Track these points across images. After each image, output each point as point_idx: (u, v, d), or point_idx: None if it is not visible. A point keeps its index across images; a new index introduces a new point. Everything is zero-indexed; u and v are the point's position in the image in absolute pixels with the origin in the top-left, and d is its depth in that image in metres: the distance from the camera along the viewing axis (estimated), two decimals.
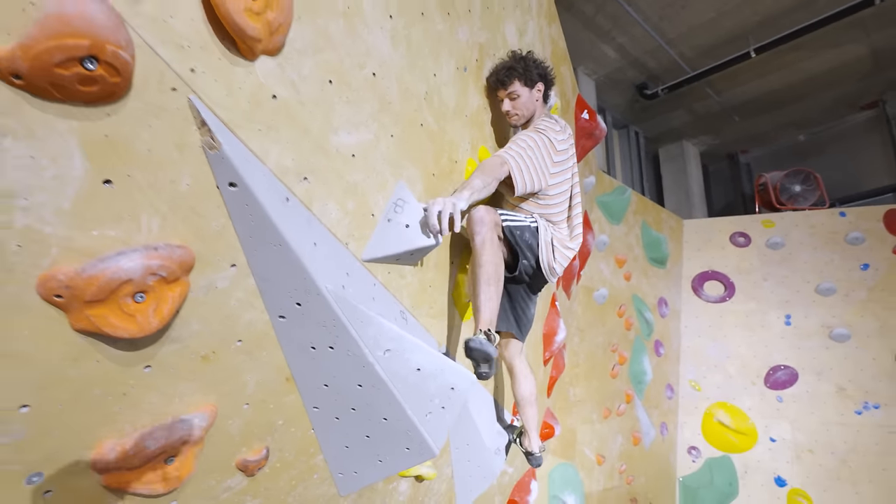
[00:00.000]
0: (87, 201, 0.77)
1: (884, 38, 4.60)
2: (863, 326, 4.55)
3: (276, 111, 1.01)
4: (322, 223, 1.15)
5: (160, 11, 0.78)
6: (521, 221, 1.77)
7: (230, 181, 0.92)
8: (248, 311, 1.07)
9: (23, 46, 0.61)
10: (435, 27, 1.55)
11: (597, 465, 3.71)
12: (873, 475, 4.21)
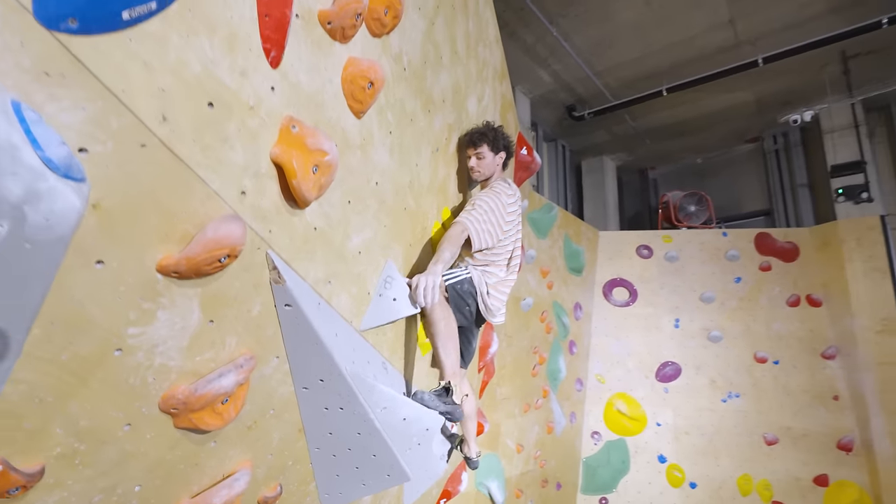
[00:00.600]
0: (197, 337, 1.07)
1: (764, 90, 5.60)
2: (732, 330, 5.62)
3: (316, 239, 1.33)
4: (339, 314, 1.49)
5: (257, 198, 1.08)
6: (458, 276, 2.11)
7: (286, 303, 1.24)
8: (281, 387, 1.40)
9: (187, 258, 0.90)
10: (419, 125, 1.89)
11: (516, 453, 4.34)
12: (730, 450, 5.32)
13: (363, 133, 1.45)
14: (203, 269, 0.95)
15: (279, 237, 1.16)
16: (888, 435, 4.85)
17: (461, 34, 2.17)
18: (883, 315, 5.02)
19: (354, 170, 1.44)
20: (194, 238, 0.90)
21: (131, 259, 0.84)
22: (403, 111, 1.71)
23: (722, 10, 4.50)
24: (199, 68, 0.87)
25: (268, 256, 1.13)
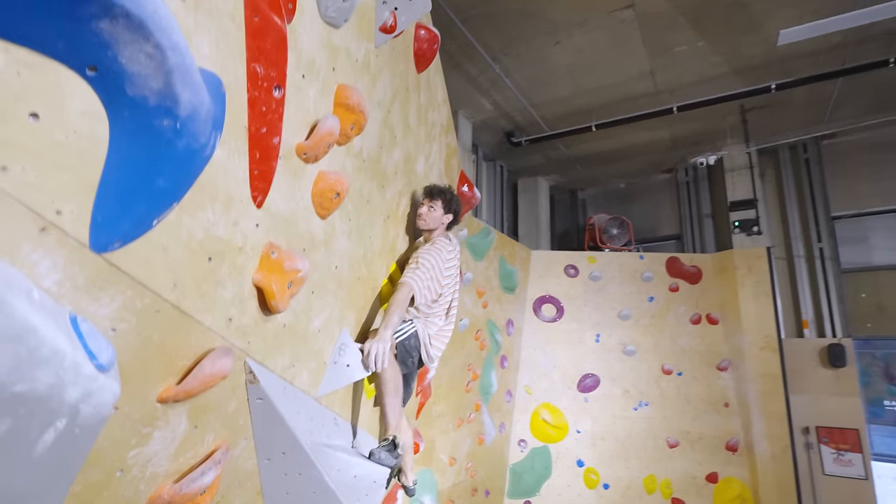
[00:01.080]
0: (182, 443, 1.23)
1: (678, 131, 6.31)
2: (644, 344, 6.29)
3: (285, 334, 1.51)
4: (301, 390, 1.68)
5: (240, 319, 1.25)
6: (406, 332, 2.35)
7: (258, 397, 1.42)
8: (246, 462, 1.58)
9: (185, 390, 1.07)
10: (374, 202, 2.09)
11: (449, 466, 4.66)
12: (638, 453, 6.00)
13: (327, 230, 1.64)
14: (196, 394, 1.11)
15: (256, 344, 1.34)
16: (766, 437, 5.71)
17: (413, 109, 2.39)
18: (766, 333, 5.87)
19: (319, 265, 1.63)
20: (191, 373, 1.07)
21: (138, 399, 1.00)
22: (361, 196, 1.91)
23: (644, 63, 5.04)
24: (203, 234, 1.03)
25: (246, 364, 1.31)
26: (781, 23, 4.36)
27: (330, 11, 1.35)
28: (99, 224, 0.75)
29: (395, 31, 1.76)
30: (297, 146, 1.34)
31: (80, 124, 0.72)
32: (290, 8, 1.17)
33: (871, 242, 5.92)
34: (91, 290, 0.80)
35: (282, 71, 1.15)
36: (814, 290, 6.08)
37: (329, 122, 1.37)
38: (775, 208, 6.50)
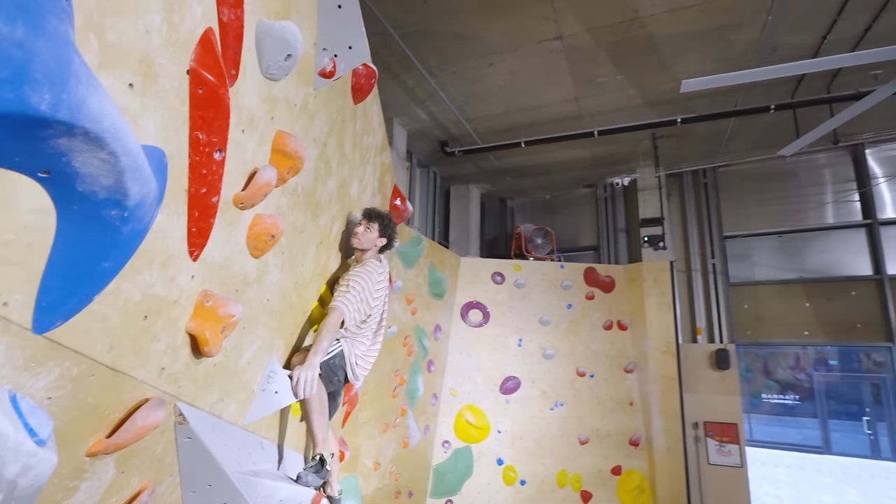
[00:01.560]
0: (108, 490, 1.27)
1: (598, 151, 6.83)
2: (561, 349, 6.76)
3: (215, 373, 1.56)
4: (229, 423, 1.73)
5: (172, 367, 1.30)
6: (331, 352, 2.42)
7: (187, 436, 1.47)
8: (171, 497, 1.61)
9: (115, 443, 1.11)
10: (307, 233, 2.16)
11: (373, 471, 4.77)
12: (553, 450, 6.46)
13: (260, 267, 1.70)
14: (127, 445, 1.16)
15: (186, 387, 1.39)
16: (663, 432, 6.37)
17: (349, 138, 2.47)
18: (666, 339, 6.53)
19: (251, 301, 1.69)
20: (124, 426, 1.12)
21: (67, 456, 1.03)
22: (295, 229, 1.97)
23: (570, 89, 5.41)
24: (139, 296, 1.08)
25: (176, 407, 1.35)
26: (688, 65, 4.89)
27: (272, 70, 1.42)
28: (42, 308, 0.80)
29: (334, 76, 1.84)
30: (235, 196, 1.40)
31: (29, 219, 0.77)
32: (233, 74, 1.23)
33: (754, 260, 6.79)
34: (30, 367, 0.84)
35: (223, 136, 1.21)
36: (706, 301, 6.85)
37: (266, 174, 1.44)
38: (679, 226, 7.22)
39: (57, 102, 0.63)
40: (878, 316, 5.96)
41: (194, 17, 1.06)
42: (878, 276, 6.04)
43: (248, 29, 1.29)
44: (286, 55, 1.43)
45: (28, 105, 0.60)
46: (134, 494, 1.32)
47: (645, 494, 6.40)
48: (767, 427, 12.89)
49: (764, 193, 6.89)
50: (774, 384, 12.76)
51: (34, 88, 0.60)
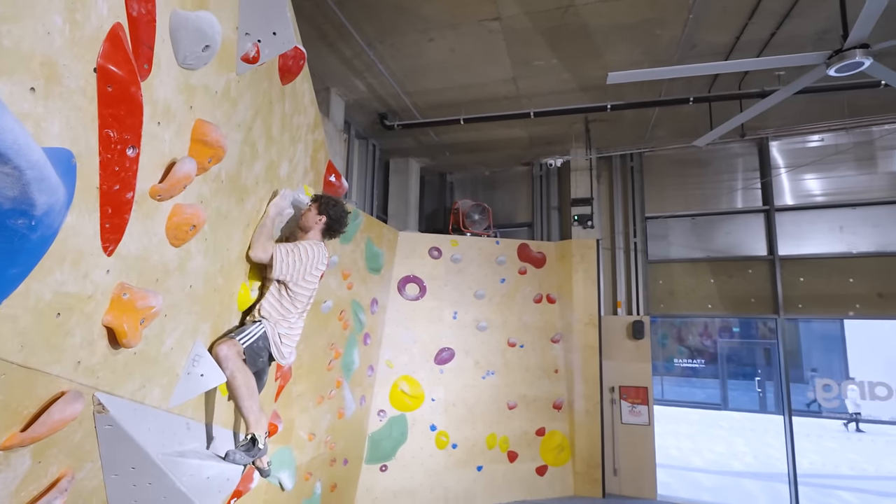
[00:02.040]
0: (25, 479, 1.29)
1: (534, 131, 7.05)
2: (494, 321, 7.08)
3: (135, 361, 1.58)
4: (152, 407, 1.76)
5: (89, 360, 1.31)
6: (253, 335, 2.46)
7: (108, 424, 1.50)
8: (92, 481, 1.65)
9: (31, 437, 1.14)
10: (232, 217, 2.15)
11: (308, 441, 4.87)
12: (484, 416, 6.84)
13: (181, 255, 1.71)
14: (43, 438, 1.18)
15: (105, 377, 1.41)
16: (583, 396, 6.93)
17: (277, 119, 2.44)
18: (590, 312, 7.03)
19: (172, 289, 1.70)
20: (39, 420, 1.14)
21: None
22: (219, 215, 1.97)
23: (508, 70, 5.51)
24: (51, 295, 1.09)
25: (94, 397, 1.37)
26: (618, 55, 5.13)
27: (189, 60, 1.40)
28: None
29: (257, 62, 1.82)
30: (152, 189, 1.40)
31: None
32: (145, 68, 1.22)
33: (670, 239, 7.37)
34: None
35: (136, 132, 1.21)
36: (627, 277, 7.39)
37: (185, 166, 1.44)
38: (606, 206, 7.66)
39: None
40: (769, 291, 6.73)
41: (100, 14, 1.04)
42: (770, 256, 6.78)
43: (162, 21, 1.26)
44: (204, 46, 1.41)
45: None
46: (52, 482, 1.35)
47: (565, 452, 6.99)
48: (678, 388, 14.29)
49: (683, 178, 7.43)
50: (685, 350, 14.15)
51: None
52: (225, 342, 2.24)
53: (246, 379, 2.29)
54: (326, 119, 6.03)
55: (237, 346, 2.29)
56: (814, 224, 6.74)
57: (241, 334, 2.39)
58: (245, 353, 2.36)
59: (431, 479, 6.40)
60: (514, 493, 6.66)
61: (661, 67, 3.80)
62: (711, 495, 7.43)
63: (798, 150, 6.96)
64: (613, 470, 6.90)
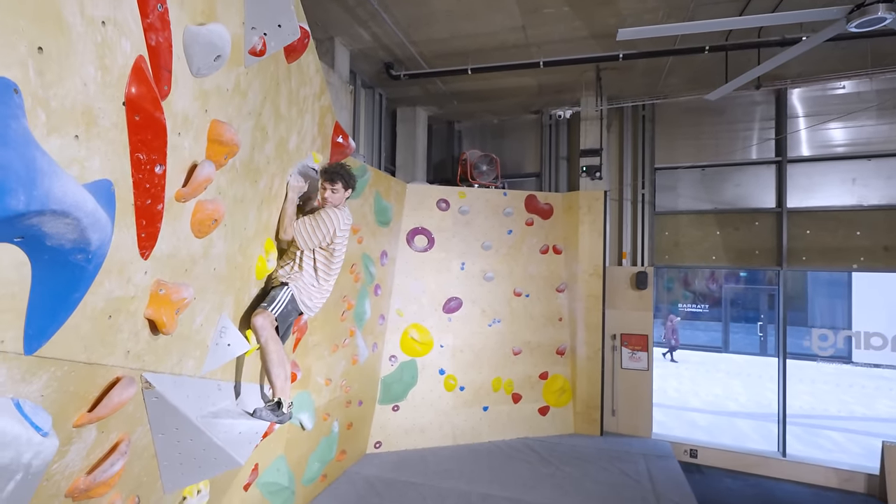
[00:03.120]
0: (93, 447, 1.54)
1: (544, 80, 6.89)
2: (501, 271, 7.29)
3: (173, 341, 1.80)
4: (188, 377, 2.00)
5: (136, 347, 1.53)
6: (283, 302, 2.70)
7: (154, 397, 1.74)
8: (143, 440, 1.92)
9: (97, 416, 1.37)
10: (247, 199, 2.30)
11: (325, 386, 5.28)
12: (490, 361, 7.22)
13: (205, 244, 1.88)
14: (105, 417, 1.42)
15: (149, 360, 1.63)
16: (585, 343, 7.26)
17: (284, 97, 2.51)
18: (595, 263, 7.20)
19: (200, 275, 1.89)
20: (102, 403, 1.37)
21: (60, 430, 1.28)
22: (235, 200, 2.11)
23: (516, 18, 5.34)
24: (103, 303, 1.27)
25: (142, 377, 1.60)
26: (631, 2, 4.93)
27: (202, 71, 1.49)
28: (30, 336, 1.00)
29: (264, 55, 1.89)
30: (177, 193, 1.54)
31: (9, 274, 0.93)
32: (165, 90, 1.32)
33: (679, 191, 7.37)
34: (26, 379, 1.06)
35: (162, 151, 1.33)
36: (633, 228, 7.49)
37: (205, 170, 1.58)
38: (616, 157, 7.61)
39: (29, 199, 0.79)
40: (774, 243, 6.81)
41: (125, 53, 1.14)
42: (778, 208, 6.79)
43: (176, 39, 1.35)
44: (215, 56, 1.50)
45: (7, 209, 0.76)
46: (113, 446, 1.61)
47: (566, 394, 7.44)
48: (681, 330, 14.75)
49: (696, 127, 7.31)
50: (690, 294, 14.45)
51: (11, 195, 0.76)
52: (260, 314, 2.49)
53: (277, 347, 2.55)
54: (331, 70, 5.96)
55: (270, 317, 2.53)
56: (826, 176, 6.69)
57: (273, 303, 2.63)
58: (277, 321, 2.60)
59: (440, 418, 6.90)
60: (517, 430, 7.18)
61: (672, 24, 3.70)
62: (704, 434, 7.94)
63: (818, 97, 6.76)
64: (612, 411, 7.36)
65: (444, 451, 6.54)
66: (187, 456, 2.15)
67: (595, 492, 5.28)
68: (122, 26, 1.10)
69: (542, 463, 6.12)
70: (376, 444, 6.57)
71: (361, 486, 5.40)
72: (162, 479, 2.25)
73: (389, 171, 8.06)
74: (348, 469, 5.92)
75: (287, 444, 4.53)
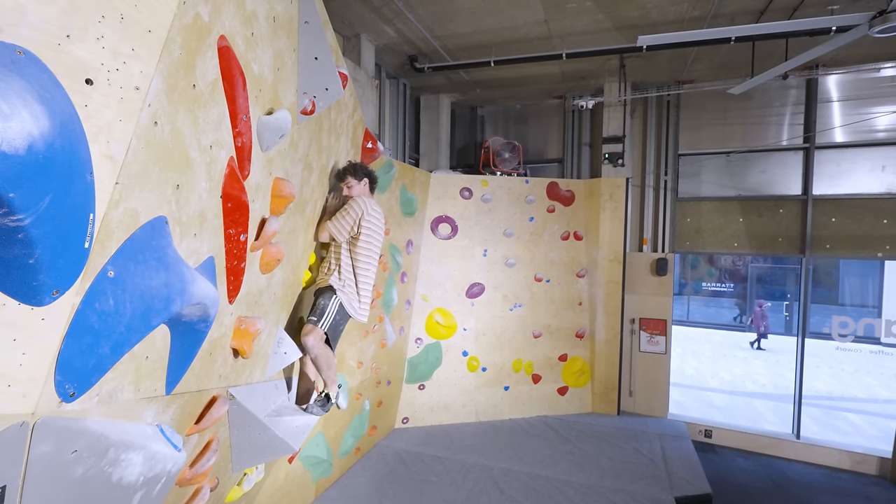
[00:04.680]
0: (196, 446, 1.98)
1: (567, 68, 7.00)
2: (522, 258, 7.60)
3: (247, 359, 2.21)
4: (256, 384, 2.44)
5: (225, 372, 1.94)
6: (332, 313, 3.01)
7: (235, 406, 2.18)
8: (223, 436, 2.37)
9: (200, 429, 1.80)
10: (298, 229, 2.67)
11: (357, 368, 5.77)
12: (511, 343, 7.63)
13: (268, 277, 2.27)
14: (207, 429, 1.85)
15: (233, 378, 2.05)
16: (604, 327, 7.59)
17: (325, 131, 2.84)
18: (615, 250, 7.45)
19: (265, 302, 2.29)
20: (205, 418, 1.79)
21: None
22: (289, 233, 2.49)
23: (539, 13, 5.48)
24: (208, 345, 1.67)
25: (228, 392, 2.03)
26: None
27: (269, 147, 1.83)
28: (169, 383, 1.40)
29: (314, 113, 2.21)
30: (252, 245, 1.92)
31: (159, 343, 1.33)
32: (246, 174, 1.68)
33: (702, 177, 7.47)
34: (165, 411, 1.47)
35: (245, 223, 1.70)
36: (655, 215, 7.66)
37: (272, 225, 1.95)
38: (639, 144, 7.71)
39: (182, 303, 1.16)
40: (798, 231, 6.92)
41: (222, 161, 1.49)
42: (804, 196, 6.87)
43: (253, 130, 1.69)
44: (280, 135, 1.83)
45: (170, 312, 1.13)
46: (207, 444, 2.06)
47: (585, 375, 7.83)
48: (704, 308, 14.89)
49: (723, 113, 7.33)
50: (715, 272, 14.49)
51: (172, 303, 1.13)
52: (311, 332, 2.80)
53: (326, 356, 2.94)
54: (358, 67, 6.21)
55: (320, 332, 2.86)
56: (855, 163, 6.70)
57: (322, 318, 2.92)
58: (328, 332, 2.94)
59: (464, 397, 7.40)
60: (537, 409, 7.64)
61: (691, 31, 3.84)
62: (721, 414, 8.28)
63: (850, 81, 6.70)
64: (629, 391, 7.75)
65: (467, 427, 7.06)
66: (255, 445, 2.62)
67: (609, 469, 5.71)
68: (221, 143, 1.45)
69: (560, 440, 6.58)
70: (404, 419, 7.11)
71: (391, 459, 5.96)
72: (232, 463, 2.73)
73: (413, 160, 8.34)
74: (379, 443, 6.49)
75: (325, 421, 5.06)
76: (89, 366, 1.07)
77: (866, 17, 3.65)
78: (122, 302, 1.08)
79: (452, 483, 5.34)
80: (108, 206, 1.04)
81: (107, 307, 1.06)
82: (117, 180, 1.06)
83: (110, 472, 1.20)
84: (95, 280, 1.04)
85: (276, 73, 1.83)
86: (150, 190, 1.15)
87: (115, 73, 1.03)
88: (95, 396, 1.15)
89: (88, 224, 0.99)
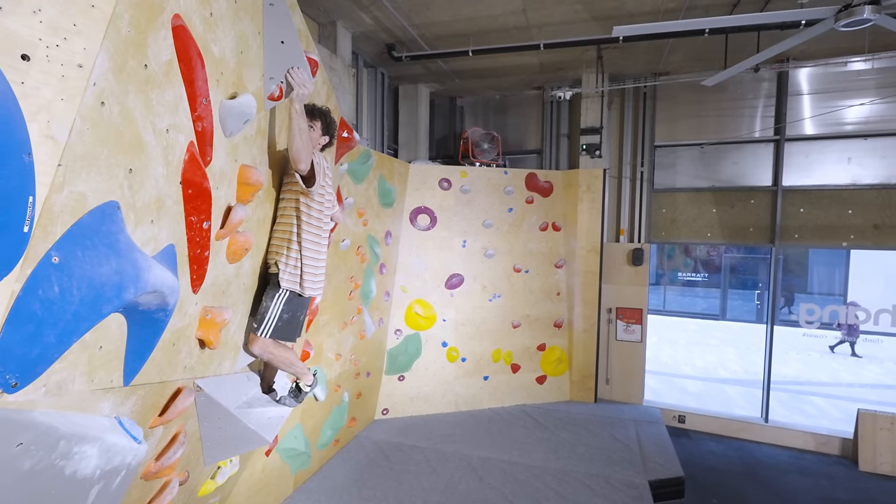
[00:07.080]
0: (161, 439, 1.94)
1: (545, 58, 6.99)
2: (501, 248, 7.62)
3: (215, 350, 2.16)
4: (225, 375, 2.39)
5: (190, 362, 1.90)
6: (276, 312, 2.52)
7: (202, 398, 2.13)
8: (192, 428, 2.33)
9: (165, 421, 1.76)
10: (267, 218, 2.61)
11: (335, 360, 5.73)
12: (490, 334, 7.66)
13: (236, 266, 2.22)
14: (171, 420, 1.80)
15: (199, 369, 2.01)
16: (582, 316, 7.68)
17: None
18: (593, 240, 7.52)
19: (234, 292, 2.24)
20: (169, 410, 1.75)
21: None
22: (258, 222, 2.43)
23: (517, 2, 5.46)
24: (170, 335, 1.63)
25: (194, 384, 1.98)
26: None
27: (234, 132, 1.78)
28: (126, 373, 1.36)
29: (281, 99, 2.16)
30: (216, 234, 1.86)
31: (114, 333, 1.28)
32: (208, 160, 1.62)
33: (677, 169, 7.58)
34: (123, 402, 1.42)
35: (208, 210, 1.65)
36: (631, 206, 7.75)
37: (238, 213, 1.89)
38: (616, 135, 7.77)
39: (136, 290, 1.12)
40: (768, 221, 7.08)
41: (181, 145, 1.43)
42: (774, 187, 7.02)
43: (215, 116, 1.64)
44: (245, 120, 1.78)
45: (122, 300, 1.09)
46: (173, 436, 2.01)
47: (563, 364, 7.92)
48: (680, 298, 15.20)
49: (698, 104, 7.43)
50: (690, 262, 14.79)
51: (125, 291, 1.08)
52: (254, 342, 2.51)
53: (281, 356, 2.70)
54: (334, 55, 6.10)
55: (263, 341, 2.53)
56: (823, 155, 6.87)
57: (264, 323, 2.52)
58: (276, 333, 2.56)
59: (443, 387, 7.42)
60: (516, 398, 7.71)
61: (666, 22, 3.87)
62: (693, 400, 8.47)
63: (820, 74, 6.85)
64: (606, 379, 7.87)
65: (446, 417, 7.08)
66: (226, 438, 2.58)
67: (586, 455, 5.80)
68: (179, 127, 1.39)
69: (539, 428, 6.65)
70: (384, 410, 7.10)
71: (371, 449, 5.95)
72: (204, 456, 2.68)
73: (392, 150, 8.26)
74: (358, 434, 6.47)
75: (302, 413, 5.02)
76: (33, 355, 1.02)
77: (832, 10, 3.73)
78: (69, 289, 1.03)
79: (432, 472, 5.36)
80: (50, 188, 1.00)
81: (51, 294, 1.01)
82: (60, 162, 1.01)
83: (62, 465, 1.16)
84: (38, 266, 0.99)
85: (238, 56, 1.78)
86: (99, 173, 1.10)
87: (55, 49, 0.98)
88: (42, 387, 1.11)
89: (28, 207, 0.94)
